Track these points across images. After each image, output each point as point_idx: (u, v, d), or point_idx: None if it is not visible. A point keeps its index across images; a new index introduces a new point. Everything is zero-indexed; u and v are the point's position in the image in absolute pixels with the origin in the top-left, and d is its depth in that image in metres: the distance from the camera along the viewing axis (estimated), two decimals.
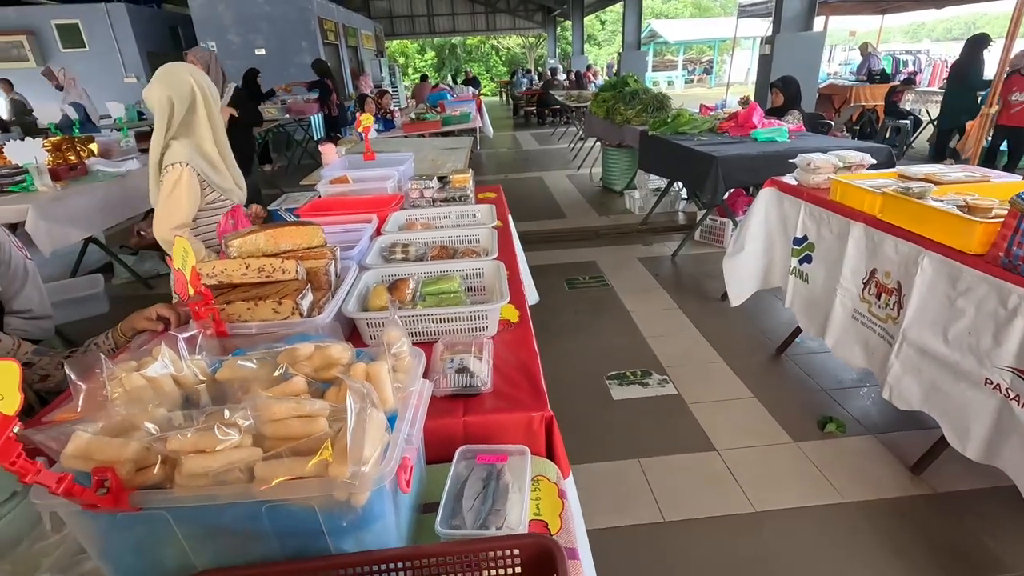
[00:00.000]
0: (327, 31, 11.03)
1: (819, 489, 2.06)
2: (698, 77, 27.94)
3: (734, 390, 2.69)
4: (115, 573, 0.76)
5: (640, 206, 5.67)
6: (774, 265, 3.01)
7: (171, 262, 1.05)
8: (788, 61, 6.10)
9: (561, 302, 3.76)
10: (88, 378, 0.76)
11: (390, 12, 22.80)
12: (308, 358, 0.84)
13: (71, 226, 3.42)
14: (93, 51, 10.41)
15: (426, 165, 3.64)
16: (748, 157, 3.68)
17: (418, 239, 1.77)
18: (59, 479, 0.61)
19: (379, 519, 0.74)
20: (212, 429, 0.67)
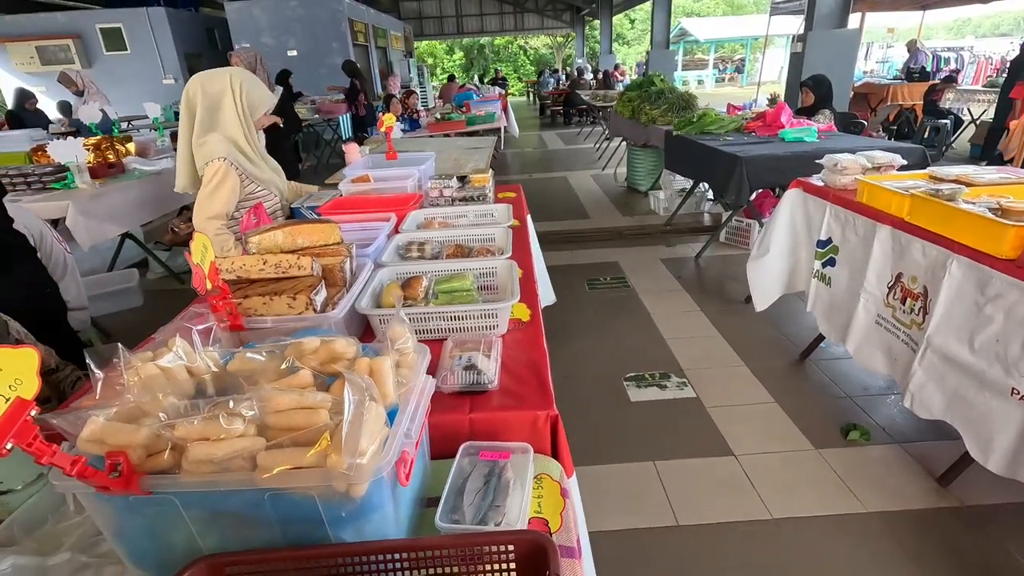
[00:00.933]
0: (357, 32, 11.22)
1: (840, 498, 2.01)
2: (729, 76, 27.45)
3: (755, 395, 2.64)
4: (128, 554, 0.79)
5: (665, 207, 5.61)
6: (799, 268, 2.94)
7: (190, 257, 1.09)
8: (821, 59, 5.95)
9: (581, 302, 3.75)
10: (107, 367, 0.79)
11: (419, 13, 23.05)
12: (314, 352, 0.86)
13: (109, 222, 3.56)
14: (134, 54, 10.78)
15: (448, 164, 3.67)
16: (774, 157, 3.60)
17: (434, 238, 1.79)
18: (73, 461, 0.64)
19: (378, 510, 0.76)
20: (217, 418, 0.69)
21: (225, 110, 1.92)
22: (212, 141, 1.89)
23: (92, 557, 0.86)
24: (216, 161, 1.87)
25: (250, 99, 1.96)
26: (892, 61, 16.26)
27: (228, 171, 1.88)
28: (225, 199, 1.90)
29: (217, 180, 1.88)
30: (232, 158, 1.89)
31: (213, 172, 1.87)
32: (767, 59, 14.94)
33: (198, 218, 1.91)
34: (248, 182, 1.98)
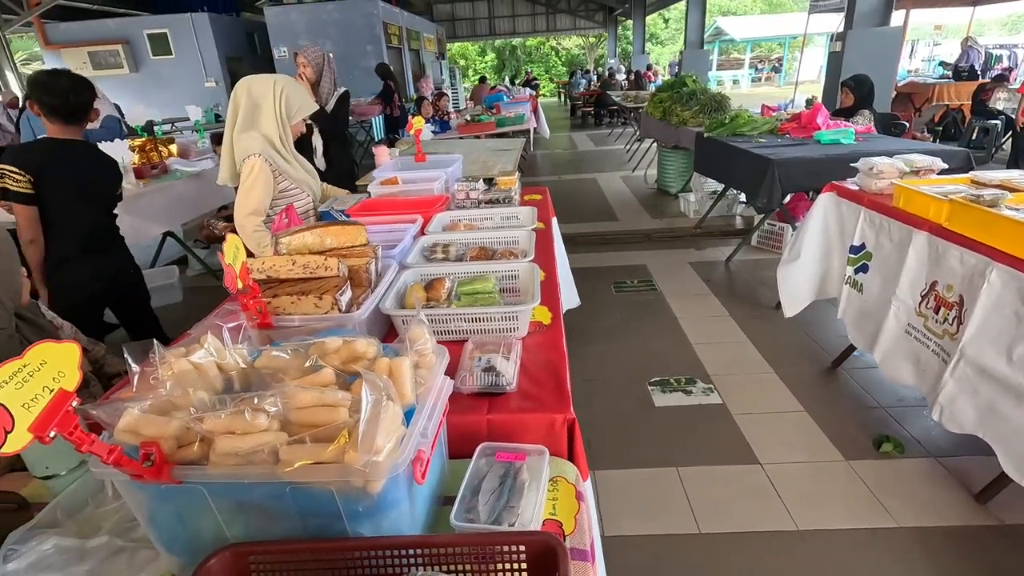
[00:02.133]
0: (391, 35, 11.39)
1: (870, 511, 1.96)
2: (766, 75, 26.84)
3: (783, 402, 2.59)
4: (160, 539, 0.83)
5: (695, 209, 5.53)
6: (831, 274, 2.87)
7: (222, 257, 1.14)
8: (861, 58, 5.78)
9: (607, 305, 3.73)
10: (143, 362, 0.84)
11: (452, 15, 23.24)
12: (336, 351, 0.89)
13: (152, 221, 3.72)
14: (179, 58, 11.18)
15: (476, 167, 3.70)
16: (809, 160, 3.52)
17: (459, 240, 1.81)
18: (110, 450, 0.68)
19: (394, 507, 0.78)
20: (242, 413, 0.73)
21: (264, 111, 2.01)
22: (249, 138, 1.98)
23: (128, 541, 0.91)
24: (252, 158, 1.97)
25: (288, 104, 2.04)
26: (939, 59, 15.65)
27: (262, 167, 1.97)
28: (260, 194, 1.98)
29: (253, 176, 1.97)
30: (266, 154, 1.98)
31: (249, 169, 1.98)
32: (805, 58, 14.57)
33: (238, 215, 2.00)
34: (281, 179, 2.06)
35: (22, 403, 0.60)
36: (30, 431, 0.60)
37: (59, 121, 2.16)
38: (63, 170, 2.15)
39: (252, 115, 2.02)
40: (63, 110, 2.14)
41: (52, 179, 2.11)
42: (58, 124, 2.16)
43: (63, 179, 2.15)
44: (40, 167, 2.08)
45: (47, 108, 2.13)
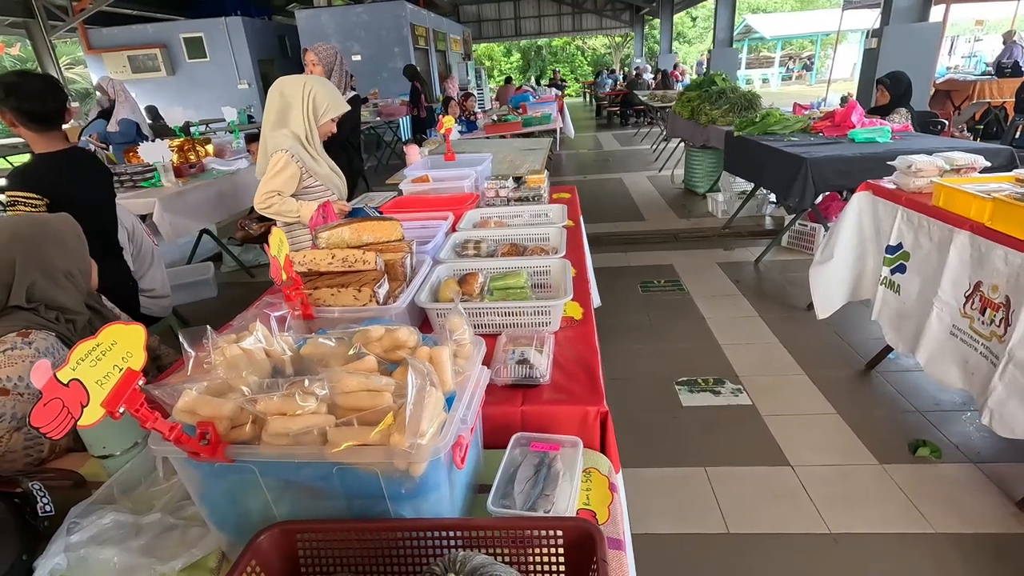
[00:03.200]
0: (418, 36, 11.51)
1: (905, 516, 1.92)
2: (797, 74, 26.29)
3: (815, 405, 2.55)
4: (211, 516, 0.87)
5: (723, 209, 5.47)
6: (865, 276, 2.81)
7: (268, 250, 1.18)
8: (898, 55, 5.64)
9: (634, 305, 3.72)
10: (197, 347, 0.88)
11: (478, 16, 23.34)
12: (379, 339, 0.92)
13: (189, 218, 3.84)
14: (213, 61, 11.50)
15: (504, 166, 3.73)
16: (843, 159, 3.45)
17: (490, 236, 1.84)
18: (171, 428, 0.72)
19: (435, 490, 0.80)
20: (293, 396, 0.76)
21: (294, 110, 2.08)
22: (279, 135, 2.08)
23: (179, 519, 0.95)
24: (280, 152, 2.05)
25: (316, 103, 2.11)
26: (980, 55, 15.11)
27: (289, 162, 2.06)
28: (280, 183, 2.06)
29: (279, 168, 2.06)
30: (294, 151, 2.06)
31: (276, 161, 2.08)
32: (839, 56, 14.23)
33: (258, 195, 2.08)
34: (307, 175, 2.14)
35: (96, 380, 0.64)
36: (102, 406, 0.64)
37: (38, 128, 2.01)
38: (74, 185, 2.10)
39: (284, 114, 2.11)
40: (42, 114, 2.00)
41: (63, 197, 2.03)
42: (36, 131, 2.02)
43: (75, 193, 2.09)
44: (50, 188, 2.01)
45: (25, 115, 1.96)
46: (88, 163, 2.25)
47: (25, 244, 1.30)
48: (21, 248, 1.29)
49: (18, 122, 1.98)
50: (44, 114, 2.00)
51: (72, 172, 2.13)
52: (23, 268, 1.28)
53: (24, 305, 1.28)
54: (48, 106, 2.00)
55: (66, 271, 1.36)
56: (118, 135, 5.48)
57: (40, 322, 1.27)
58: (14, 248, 1.29)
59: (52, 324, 1.29)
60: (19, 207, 1.95)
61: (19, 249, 1.29)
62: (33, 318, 1.27)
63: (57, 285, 1.33)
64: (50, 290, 1.31)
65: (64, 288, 1.35)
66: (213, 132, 8.28)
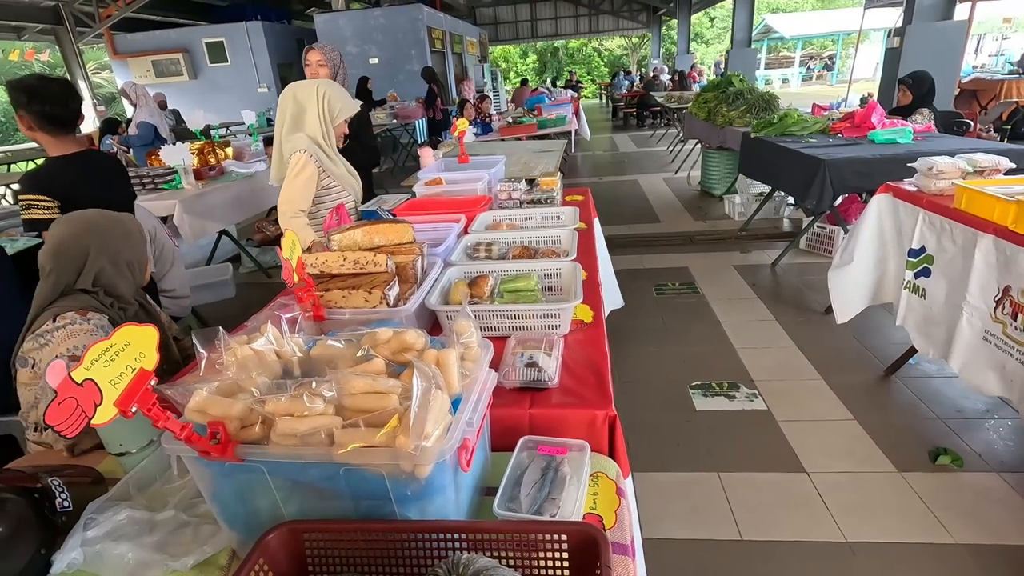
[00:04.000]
0: (435, 39, 11.58)
1: (925, 526, 1.88)
2: (817, 74, 25.92)
3: (832, 410, 2.50)
4: (222, 514, 0.89)
5: (740, 212, 5.41)
6: (887, 279, 2.76)
7: (280, 252, 1.20)
8: (921, 54, 5.53)
9: (648, 307, 3.69)
10: (209, 347, 0.90)
11: (495, 18, 23.44)
12: (387, 342, 0.93)
13: (209, 219, 3.91)
14: (234, 65, 11.70)
15: (518, 168, 3.73)
16: (862, 160, 3.39)
17: (501, 239, 1.84)
18: (182, 427, 0.73)
19: (440, 492, 0.81)
20: (301, 397, 0.77)
21: (309, 114, 2.10)
22: (295, 138, 2.09)
23: (192, 516, 0.97)
24: (298, 153, 2.07)
25: (331, 105, 2.13)
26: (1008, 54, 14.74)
27: (307, 162, 2.07)
28: (302, 187, 2.08)
29: (297, 169, 2.07)
30: (312, 151, 2.08)
31: (295, 163, 2.09)
32: (860, 55, 13.99)
33: (282, 211, 2.09)
34: (324, 176, 2.15)
35: (109, 380, 0.65)
36: (115, 405, 0.66)
37: (56, 131, 2.02)
38: (82, 188, 2.09)
39: (298, 118, 2.12)
40: (62, 118, 2.02)
41: (75, 200, 2.00)
42: (54, 135, 2.03)
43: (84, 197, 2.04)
44: (62, 190, 2.01)
45: (46, 119, 1.98)
46: (103, 165, 2.26)
47: (101, 235, 1.45)
48: (97, 238, 1.44)
49: (36, 126, 1.99)
50: (64, 117, 2.03)
51: (85, 174, 2.13)
52: (95, 255, 1.43)
53: (88, 288, 1.41)
54: (68, 109, 2.03)
55: (128, 262, 1.51)
56: (136, 138, 5.61)
57: (97, 305, 1.41)
58: (89, 237, 1.43)
59: (107, 309, 1.43)
60: (33, 210, 1.97)
61: (94, 238, 1.43)
62: (92, 301, 1.40)
63: (119, 274, 1.48)
64: (113, 278, 1.46)
65: (124, 278, 1.50)
66: (233, 135, 8.43)
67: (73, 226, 1.45)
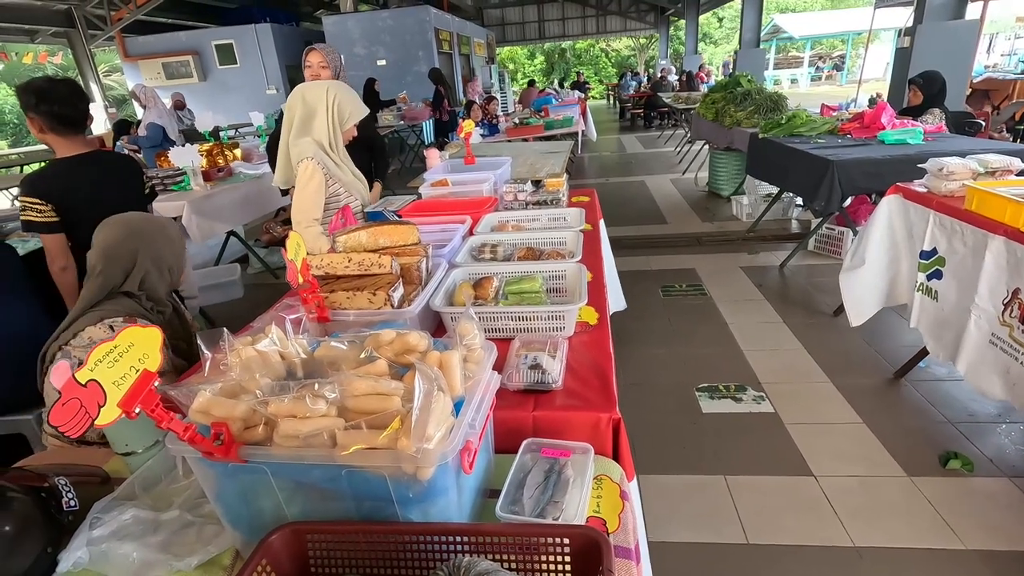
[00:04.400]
0: (442, 41, 11.61)
1: (935, 531, 1.85)
2: (827, 74, 25.74)
3: (840, 413, 2.48)
4: (226, 514, 0.89)
5: (748, 213, 5.37)
6: (899, 280, 2.73)
7: (285, 253, 1.20)
8: (932, 54, 5.47)
9: (654, 309, 3.68)
10: (214, 349, 0.90)
11: (502, 20, 23.46)
12: (390, 343, 0.93)
13: (217, 220, 3.93)
14: (243, 67, 11.79)
15: (524, 169, 3.72)
16: (872, 161, 3.36)
17: (507, 240, 1.84)
18: (185, 428, 0.73)
19: (442, 494, 0.81)
20: (304, 398, 0.77)
21: (318, 118, 2.09)
22: (303, 144, 2.08)
23: (196, 516, 0.97)
24: (306, 160, 2.06)
25: (340, 109, 2.11)
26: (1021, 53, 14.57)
27: (315, 170, 2.06)
28: (313, 196, 2.07)
29: (306, 178, 2.06)
30: (318, 158, 2.06)
31: (303, 171, 2.07)
32: (870, 55, 13.88)
33: (296, 220, 2.09)
34: (332, 182, 2.15)
35: (113, 380, 0.66)
36: (119, 406, 0.66)
37: (66, 132, 2.05)
38: (84, 191, 2.09)
39: (307, 121, 2.11)
40: (72, 118, 2.04)
41: (75, 203, 2.04)
42: (63, 136, 2.05)
43: (85, 199, 2.08)
44: (61, 194, 2.02)
45: (56, 119, 2.00)
46: (113, 165, 2.26)
47: (147, 239, 1.51)
48: (144, 242, 1.50)
49: (47, 127, 2.01)
50: (73, 117, 2.05)
51: (87, 175, 2.12)
52: (143, 259, 1.48)
53: (133, 291, 1.46)
54: (77, 109, 2.05)
55: (169, 267, 1.58)
56: (145, 139, 5.67)
57: (139, 310, 1.46)
58: (137, 240, 1.49)
59: (148, 313, 1.48)
60: (29, 213, 1.99)
61: (141, 242, 1.49)
62: (135, 306, 1.46)
63: (161, 278, 1.54)
64: (155, 281, 1.52)
65: (164, 281, 1.56)
66: (242, 136, 8.48)
67: (121, 229, 1.49)
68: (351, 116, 2.16)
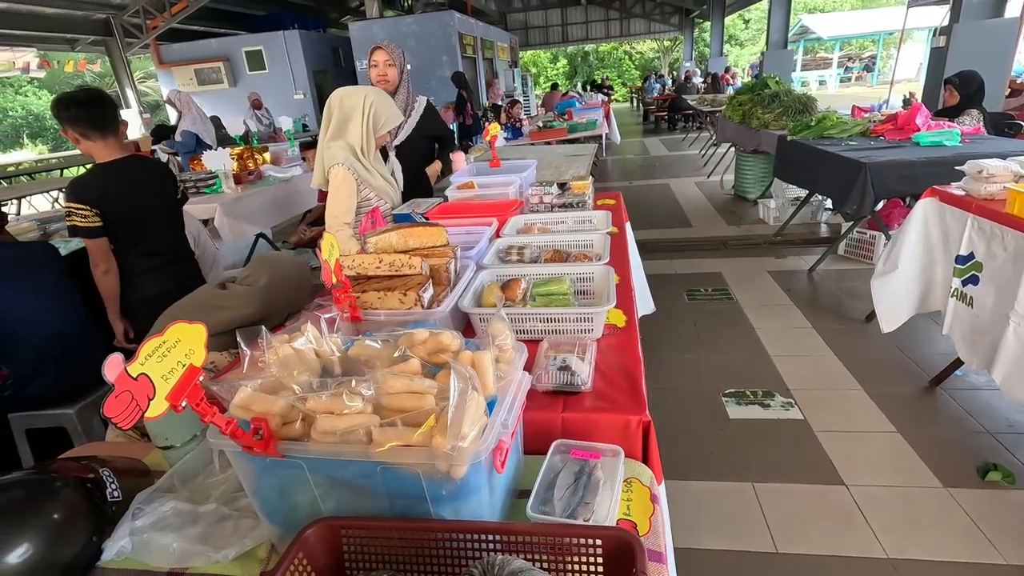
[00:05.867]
0: (466, 45, 11.69)
1: (973, 545, 1.79)
2: (857, 75, 25.19)
3: (873, 422, 2.42)
4: (263, 508, 0.91)
5: (775, 216, 5.29)
6: (934, 286, 2.66)
7: (319, 254, 1.23)
8: (969, 54, 5.32)
9: (680, 313, 3.64)
10: (252, 346, 0.92)
11: (525, 24, 23.53)
12: (423, 343, 0.94)
13: (247, 222, 4.02)
14: (272, 72, 12.03)
15: (549, 171, 3.72)
16: (906, 163, 3.28)
17: (533, 242, 1.84)
18: (227, 422, 0.75)
19: (475, 493, 0.81)
20: (341, 395, 0.78)
21: (354, 122, 2.12)
22: (335, 147, 2.11)
23: (232, 510, 1.00)
24: (336, 166, 2.09)
25: (376, 116, 2.14)
26: None
27: (346, 175, 2.09)
28: (344, 200, 2.10)
29: (337, 183, 2.10)
30: (349, 163, 2.10)
31: (334, 177, 2.10)
32: (903, 55, 13.52)
33: (329, 225, 2.13)
34: (363, 187, 2.17)
35: (161, 375, 0.68)
36: (167, 400, 0.68)
37: (97, 137, 2.12)
38: (123, 194, 2.16)
39: (342, 125, 2.14)
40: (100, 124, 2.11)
41: (116, 206, 2.12)
42: (96, 142, 2.12)
43: (122, 204, 2.15)
44: (99, 197, 2.09)
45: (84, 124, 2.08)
46: (146, 169, 2.31)
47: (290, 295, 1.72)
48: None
49: (80, 136, 2.09)
50: (102, 123, 2.11)
51: (125, 179, 2.19)
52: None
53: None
54: (108, 113, 2.12)
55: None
56: (181, 144, 5.85)
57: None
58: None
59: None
60: (73, 218, 2.06)
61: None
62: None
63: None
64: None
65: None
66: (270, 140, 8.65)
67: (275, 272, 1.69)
68: (386, 123, 2.19)
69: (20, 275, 2.04)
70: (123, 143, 2.25)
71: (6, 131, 22.79)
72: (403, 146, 2.89)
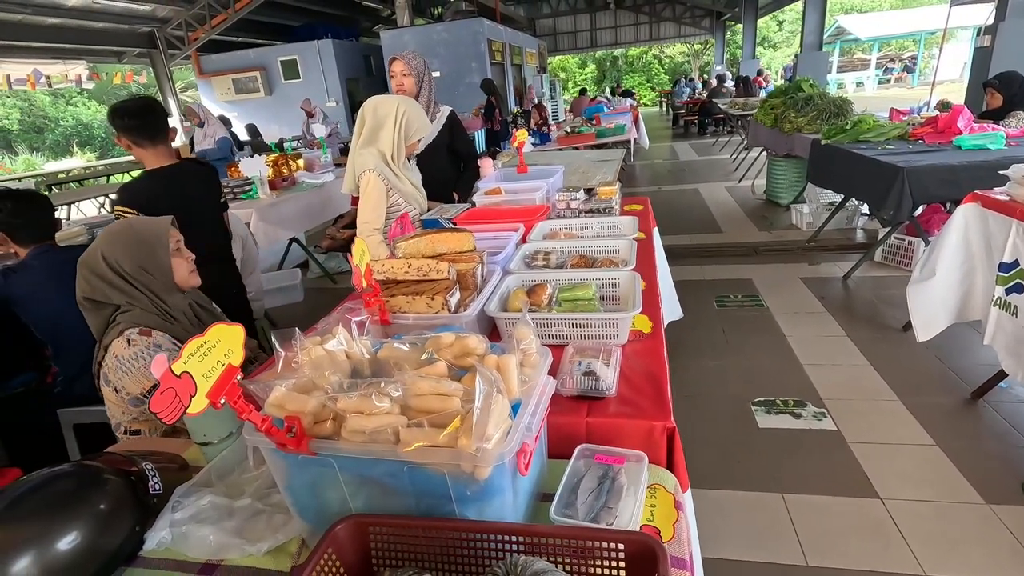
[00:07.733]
0: (495, 52, 11.79)
1: (1017, 564, 1.72)
2: (896, 76, 24.44)
3: (910, 434, 2.35)
4: (294, 504, 0.94)
5: (808, 221, 5.17)
6: (974, 295, 2.56)
7: (351, 258, 1.27)
8: (1015, 53, 5.13)
9: (709, 320, 3.59)
10: (286, 347, 0.96)
11: (554, 29, 23.59)
12: (449, 346, 0.96)
13: (281, 227, 4.14)
14: (305, 81, 12.35)
15: (576, 177, 3.73)
16: (946, 168, 3.18)
17: (559, 248, 1.85)
18: (262, 419, 0.79)
19: (499, 494, 0.83)
20: (370, 396, 0.81)
21: (386, 130, 2.18)
22: (367, 154, 2.17)
23: (266, 505, 1.03)
24: (367, 173, 2.15)
25: (408, 125, 2.19)
26: None
27: (376, 182, 2.14)
28: (374, 206, 2.16)
29: (368, 190, 2.16)
30: (379, 170, 2.15)
31: (365, 182, 2.16)
32: (945, 55, 13.06)
33: (360, 230, 2.19)
34: (393, 193, 2.22)
35: (202, 373, 0.72)
36: (207, 397, 0.72)
37: (147, 144, 2.19)
38: (171, 199, 2.19)
39: (374, 132, 2.20)
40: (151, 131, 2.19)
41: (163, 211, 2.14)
42: (146, 149, 2.20)
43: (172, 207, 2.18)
44: (146, 201, 2.14)
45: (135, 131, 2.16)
46: (194, 174, 2.40)
47: (108, 255, 1.54)
48: (107, 259, 1.54)
49: (132, 143, 2.18)
50: (152, 131, 2.20)
51: (173, 184, 2.28)
52: (113, 276, 1.53)
53: (134, 303, 1.53)
54: (159, 123, 2.22)
55: (141, 266, 1.57)
56: (216, 151, 6.04)
57: (148, 319, 1.54)
58: (99, 265, 1.54)
59: (161, 318, 1.57)
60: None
61: (105, 261, 1.54)
62: (142, 315, 1.53)
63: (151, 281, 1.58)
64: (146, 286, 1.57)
65: (155, 282, 1.58)
66: (304, 147, 8.88)
67: (84, 265, 1.55)
68: (416, 132, 2.24)
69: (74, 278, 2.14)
70: (172, 149, 2.35)
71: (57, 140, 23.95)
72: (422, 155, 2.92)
